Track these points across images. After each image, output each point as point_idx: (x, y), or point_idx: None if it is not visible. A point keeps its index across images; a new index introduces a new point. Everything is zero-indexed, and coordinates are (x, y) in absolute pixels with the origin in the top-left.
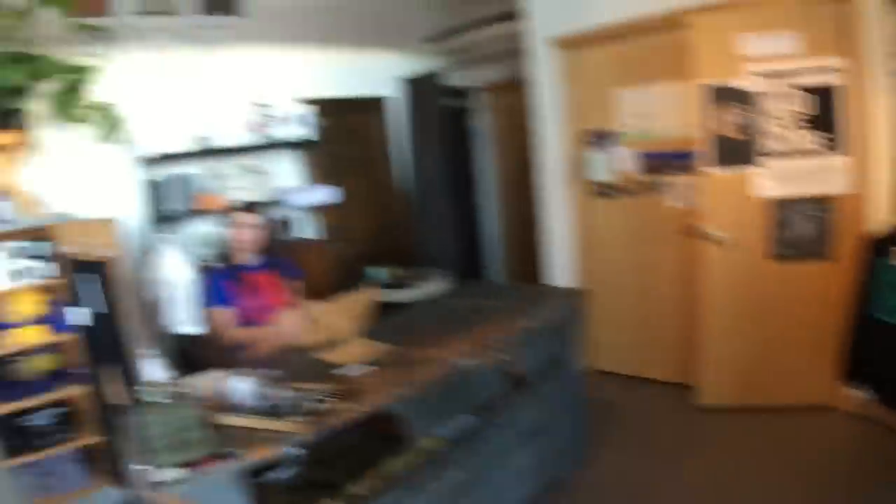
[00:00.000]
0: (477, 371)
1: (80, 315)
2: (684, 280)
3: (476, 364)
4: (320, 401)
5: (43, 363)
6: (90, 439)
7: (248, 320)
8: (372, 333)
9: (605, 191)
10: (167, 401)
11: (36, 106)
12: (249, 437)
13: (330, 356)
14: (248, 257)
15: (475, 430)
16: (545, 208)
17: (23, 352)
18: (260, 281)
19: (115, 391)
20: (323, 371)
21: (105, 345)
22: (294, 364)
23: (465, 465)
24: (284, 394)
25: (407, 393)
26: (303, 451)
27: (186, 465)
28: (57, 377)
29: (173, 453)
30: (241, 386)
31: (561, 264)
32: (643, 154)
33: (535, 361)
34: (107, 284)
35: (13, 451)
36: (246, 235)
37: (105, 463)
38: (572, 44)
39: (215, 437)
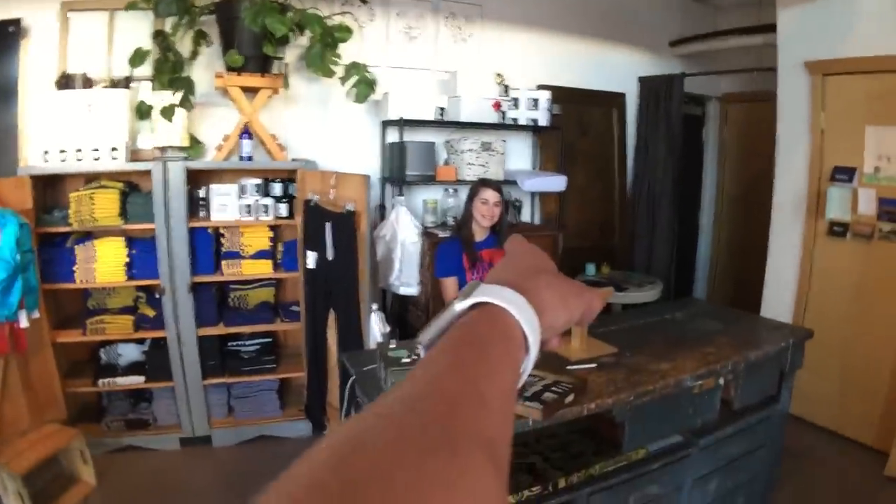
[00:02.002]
0: (698, 393)
1: (308, 257)
2: None
3: (699, 385)
4: (554, 391)
5: (262, 295)
6: (289, 373)
7: None
8: (595, 331)
9: (838, 231)
10: (412, 357)
11: (292, 57)
12: None
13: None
14: (482, 232)
15: (681, 449)
16: (774, 238)
17: (247, 282)
18: (488, 257)
19: (330, 335)
20: (551, 362)
21: (328, 290)
22: None
23: (663, 483)
24: None
25: (632, 401)
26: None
27: None
28: (272, 310)
29: None
30: None
31: (779, 298)
32: (886, 199)
33: (751, 394)
34: (343, 235)
35: (219, 371)
36: (489, 212)
37: (299, 397)
38: (826, 69)
39: None
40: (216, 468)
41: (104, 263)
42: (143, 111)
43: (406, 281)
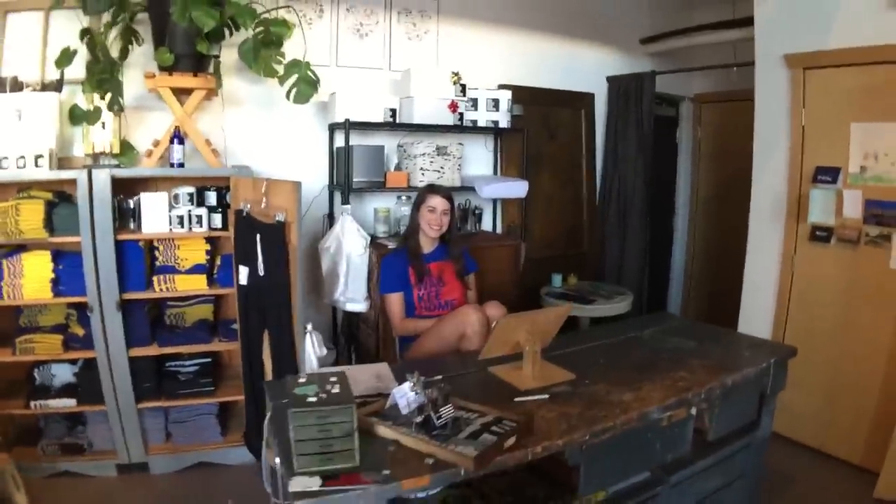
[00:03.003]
0: (667, 425)
1: (240, 273)
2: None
3: (668, 417)
4: (494, 430)
5: (200, 312)
6: (230, 396)
7: (420, 311)
8: (551, 354)
9: (821, 236)
10: (320, 396)
11: (229, 56)
12: (404, 458)
13: (504, 373)
14: (430, 243)
15: (649, 488)
16: (752, 246)
17: (182, 299)
18: (437, 270)
19: (265, 356)
20: (496, 392)
21: (261, 308)
22: (466, 375)
23: None
24: (452, 412)
25: (587, 440)
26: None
27: (325, 476)
28: (210, 329)
29: (313, 460)
30: (405, 392)
31: (758, 309)
32: (873, 201)
33: (728, 422)
34: (273, 248)
35: (154, 394)
36: (436, 221)
37: (240, 422)
38: (807, 62)
39: (364, 451)
40: (153, 497)
41: (30, 279)
42: (76, 116)
43: (352, 296)
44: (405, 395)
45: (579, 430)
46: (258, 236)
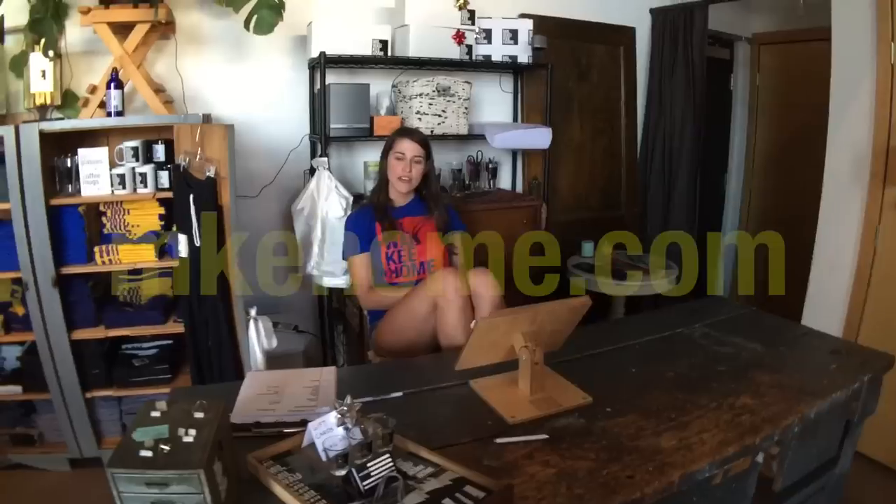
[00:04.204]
0: (721, 483)
1: (180, 242)
2: None
3: (724, 471)
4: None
5: (157, 287)
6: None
7: (390, 276)
8: (562, 359)
9: None
10: (160, 449)
11: None
12: None
13: (489, 391)
14: (403, 198)
15: None
16: (825, 214)
17: (136, 271)
18: (410, 227)
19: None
20: (473, 422)
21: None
22: (438, 391)
23: None
24: (388, 467)
25: None
26: None
27: None
28: (167, 307)
29: None
30: (329, 427)
31: (829, 293)
32: None
33: (804, 464)
34: (208, 211)
35: (104, 382)
36: (404, 170)
37: None
38: None
39: None
40: (106, 498)
41: None
42: (17, 66)
43: (328, 269)
44: (328, 431)
45: None
46: (191, 196)
